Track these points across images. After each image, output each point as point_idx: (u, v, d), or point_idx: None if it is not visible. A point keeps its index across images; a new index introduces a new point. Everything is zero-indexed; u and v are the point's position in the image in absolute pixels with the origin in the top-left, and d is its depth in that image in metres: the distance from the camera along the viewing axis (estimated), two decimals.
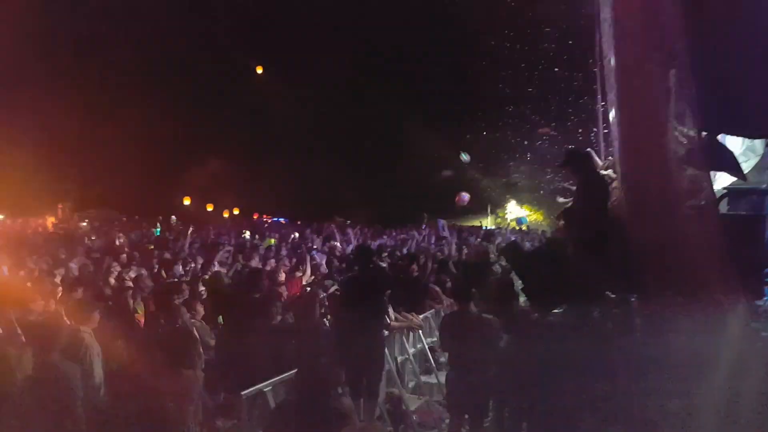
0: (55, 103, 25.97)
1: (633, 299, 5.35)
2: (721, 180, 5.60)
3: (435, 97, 30.39)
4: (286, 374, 4.81)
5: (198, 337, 5.16)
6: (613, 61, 4.90)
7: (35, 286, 6.96)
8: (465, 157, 21.29)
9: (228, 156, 30.33)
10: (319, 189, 32.61)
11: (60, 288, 6.86)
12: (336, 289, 7.18)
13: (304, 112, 32.59)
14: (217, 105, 32.59)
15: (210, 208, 29.46)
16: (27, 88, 25.40)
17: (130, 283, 7.53)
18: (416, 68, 30.62)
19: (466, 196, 16.21)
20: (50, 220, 22.16)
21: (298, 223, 25.71)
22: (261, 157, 31.61)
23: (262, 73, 27.99)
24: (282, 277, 8.20)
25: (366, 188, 30.78)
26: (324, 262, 10.20)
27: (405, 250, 12.17)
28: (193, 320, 5.84)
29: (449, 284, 8.59)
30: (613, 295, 5.58)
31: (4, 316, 5.09)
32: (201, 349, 5.02)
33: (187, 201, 28.76)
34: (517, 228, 22.03)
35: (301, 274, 8.95)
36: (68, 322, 5.16)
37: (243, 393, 4.71)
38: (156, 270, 8.79)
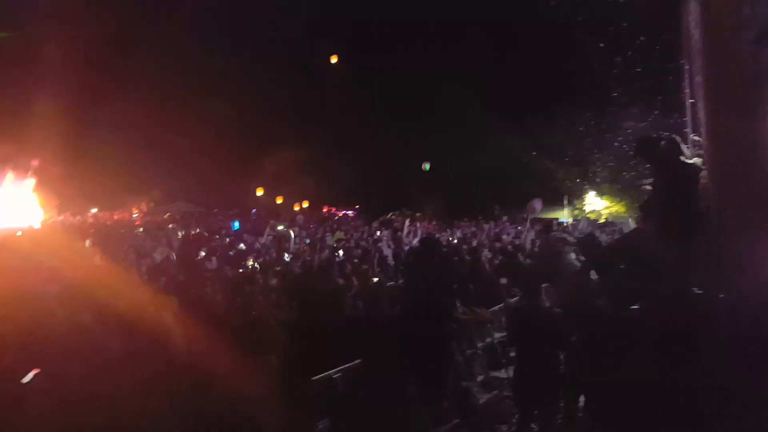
0: (140, 103, 27.54)
1: (721, 296, 5.04)
2: None
3: (509, 86, 29.67)
4: (355, 362, 4.86)
5: (272, 324, 5.33)
6: (699, 42, 4.61)
7: (123, 274, 7.35)
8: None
9: (298, 149, 30.98)
10: (388, 181, 32.74)
11: (145, 276, 7.25)
12: (402, 282, 7.17)
13: (374, 103, 32.74)
14: (289, 98, 33.23)
15: (280, 200, 30.14)
16: (114, 92, 27.01)
17: (209, 273, 7.83)
18: (489, 54, 29.94)
19: (538, 204, 15.58)
20: (136, 213, 23.50)
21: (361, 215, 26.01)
22: (331, 150, 32.08)
23: (332, 65, 28.28)
24: (350, 268, 8.29)
25: (435, 180, 30.58)
26: (391, 254, 10.23)
27: (475, 243, 11.99)
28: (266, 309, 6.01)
29: (519, 278, 8.41)
30: (699, 292, 5.29)
31: (94, 302, 5.40)
32: (276, 337, 5.18)
33: (260, 192, 29.62)
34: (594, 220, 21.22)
35: (367, 266, 9.02)
36: (152, 309, 5.42)
37: (314, 378, 4.80)
38: (231, 261, 9.10)
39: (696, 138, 5.97)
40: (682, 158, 5.76)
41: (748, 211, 4.38)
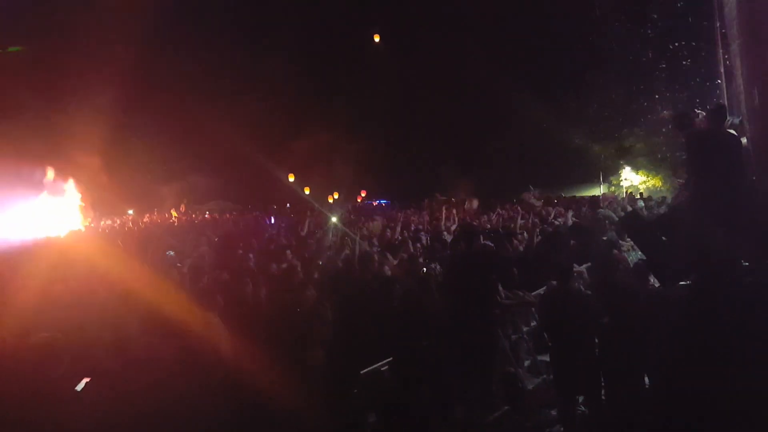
0: (173, 102, 28.05)
1: None
2: None
3: (540, 61, 29.09)
4: (402, 354, 4.87)
5: (317, 319, 5.38)
6: (736, 10, 4.44)
7: (165, 277, 7.44)
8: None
9: (327, 139, 31.03)
10: (422, 168, 32.55)
11: (186, 277, 7.33)
12: (444, 271, 7.13)
13: (403, 90, 32.58)
14: (319, 88, 33.29)
15: (307, 191, 30.32)
16: (147, 92, 27.56)
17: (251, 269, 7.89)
18: (519, 29, 29.35)
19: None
20: (174, 214, 23.90)
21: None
22: (362, 140, 32.10)
23: (369, 49, 28.25)
24: (391, 259, 8.28)
25: (468, 163, 30.31)
26: (428, 241, 10.18)
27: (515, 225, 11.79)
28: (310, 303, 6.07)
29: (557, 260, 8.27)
30: (746, 263, 5.13)
31: (140, 308, 5.50)
32: (322, 332, 5.23)
33: (291, 178, 29.80)
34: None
35: (408, 256, 8.99)
36: (196, 309, 5.51)
37: (362, 372, 4.84)
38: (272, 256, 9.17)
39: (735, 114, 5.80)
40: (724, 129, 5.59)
41: None
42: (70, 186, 19.56)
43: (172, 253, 9.82)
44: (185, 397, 4.06)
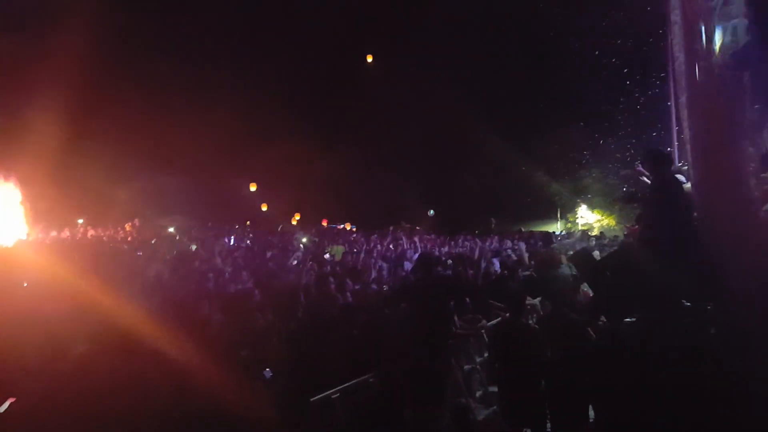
0: (132, 111, 27.34)
1: (709, 308, 5.13)
2: None
3: (502, 100, 29.95)
4: (352, 382, 4.89)
5: (271, 342, 5.36)
6: (684, 65, 4.75)
7: (116, 294, 7.27)
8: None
9: (294, 162, 30.88)
10: (387, 195, 32.75)
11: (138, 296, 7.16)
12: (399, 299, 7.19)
13: (371, 117, 32.90)
14: (283, 110, 33.23)
15: (264, 207, 29.89)
16: (106, 100, 26.83)
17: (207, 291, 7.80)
18: (478, 70, 30.21)
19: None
20: (128, 229, 23.14)
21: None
22: (328, 164, 32.11)
23: (340, 76, 28.33)
24: (349, 284, 8.30)
25: (432, 194, 30.71)
26: (387, 269, 10.26)
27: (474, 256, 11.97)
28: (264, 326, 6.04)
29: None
30: (688, 304, 5.37)
31: (88, 326, 5.37)
32: (274, 355, 5.20)
33: (253, 187, 29.29)
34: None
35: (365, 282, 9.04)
36: (147, 331, 5.38)
37: (312, 400, 4.83)
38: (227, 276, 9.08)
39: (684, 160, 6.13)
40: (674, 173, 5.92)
41: (732, 224, 4.49)
42: (14, 192, 18.90)
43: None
44: (124, 419, 3.97)
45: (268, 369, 3.93)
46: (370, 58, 27.24)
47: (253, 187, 29.48)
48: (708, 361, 4.43)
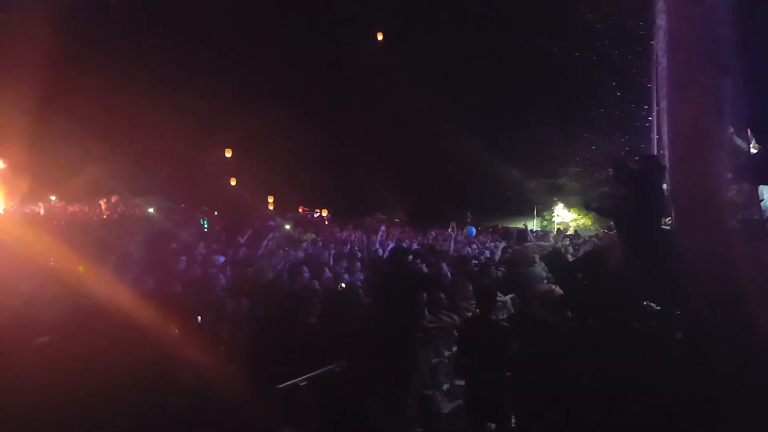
0: (111, 94, 26.90)
1: (676, 313, 5.23)
2: None
3: (479, 96, 30.04)
4: (320, 370, 4.88)
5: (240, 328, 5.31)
6: (666, 70, 4.80)
7: (90, 269, 7.16)
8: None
9: (272, 147, 30.61)
10: (362, 185, 32.71)
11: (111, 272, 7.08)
12: (370, 290, 7.19)
13: (350, 106, 32.77)
14: (264, 95, 32.89)
15: (233, 181, 29.64)
16: (87, 81, 26.38)
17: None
18: (458, 67, 30.23)
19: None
20: (103, 207, 22.81)
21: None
22: (305, 150, 31.90)
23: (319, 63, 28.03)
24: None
25: (408, 186, 30.76)
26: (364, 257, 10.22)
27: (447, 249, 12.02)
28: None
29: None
30: (657, 308, 5.46)
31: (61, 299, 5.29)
32: (242, 341, 5.16)
33: (228, 153, 29.01)
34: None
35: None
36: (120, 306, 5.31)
37: (279, 387, 4.80)
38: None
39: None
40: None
41: (706, 231, 4.57)
42: None
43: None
44: (93, 399, 3.93)
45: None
46: (380, 36, 26.35)
47: (228, 153, 29.24)
48: (672, 364, 4.52)
